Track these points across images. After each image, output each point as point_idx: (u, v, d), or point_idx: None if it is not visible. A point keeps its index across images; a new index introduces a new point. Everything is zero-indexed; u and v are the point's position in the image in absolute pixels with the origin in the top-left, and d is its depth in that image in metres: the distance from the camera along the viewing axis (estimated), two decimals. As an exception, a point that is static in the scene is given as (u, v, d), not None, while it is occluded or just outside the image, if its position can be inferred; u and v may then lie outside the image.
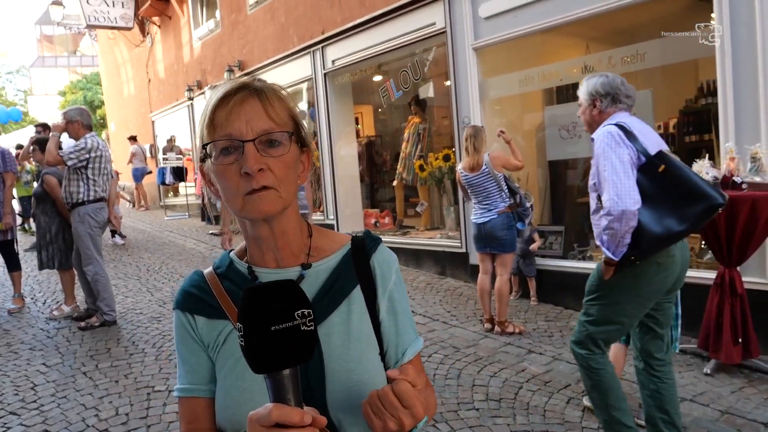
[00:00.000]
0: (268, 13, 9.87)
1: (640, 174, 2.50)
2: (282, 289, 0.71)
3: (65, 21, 18.37)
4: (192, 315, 1.00)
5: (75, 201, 5.15)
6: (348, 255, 1.03)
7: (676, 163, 2.51)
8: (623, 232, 2.45)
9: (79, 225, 5.19)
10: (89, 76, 34.67)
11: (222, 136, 0.90)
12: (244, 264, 1.02)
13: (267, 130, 0.90)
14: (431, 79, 7.76)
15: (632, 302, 2.62)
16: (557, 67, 5.69)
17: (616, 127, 2.57)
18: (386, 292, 1.03)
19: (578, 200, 6.27)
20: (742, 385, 3.53)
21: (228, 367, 0.96)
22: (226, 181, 0.91)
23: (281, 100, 0.94)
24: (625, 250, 2.49)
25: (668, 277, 2.59)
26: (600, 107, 2.79)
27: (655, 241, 2.47)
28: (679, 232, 2.45)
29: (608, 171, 2.50)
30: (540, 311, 5.27)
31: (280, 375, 0.69)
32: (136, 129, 16.78)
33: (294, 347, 0.69)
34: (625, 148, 2.50)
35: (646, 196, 2.48)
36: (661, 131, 5.84)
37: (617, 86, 2.74)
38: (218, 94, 0.92)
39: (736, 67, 4.00)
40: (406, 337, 1.03)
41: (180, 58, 14.03)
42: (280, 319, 0.69)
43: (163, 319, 5.45)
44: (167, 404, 3.64)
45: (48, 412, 3.61)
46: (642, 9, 4.85)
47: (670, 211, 2.45)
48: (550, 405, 3.42)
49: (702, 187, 2.45)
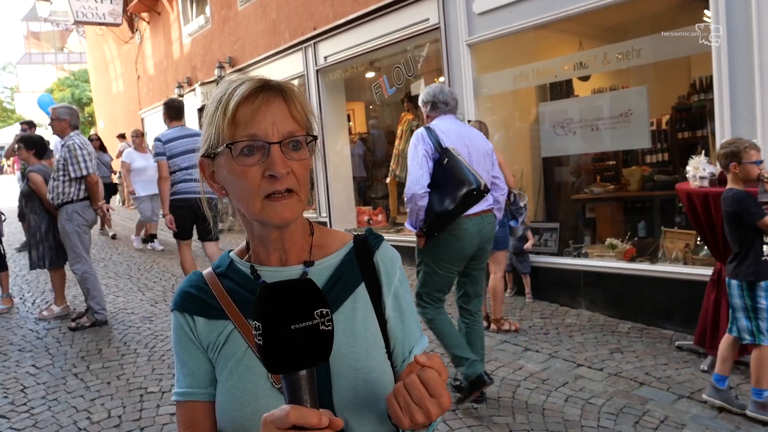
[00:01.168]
0: (259, 8, 9.79)
1: (436, 165, 3.18)
2: (300, 287, 0.69)
3: (53, 17, 18.18)
4: (191, 316, 0.98)
5: (62, 201, 5.07)
6: (351, 252, 1.02)
7: (454, 156, 3.15)
8: (416, 209, 3.18)
9: (66, 223, 5.11)
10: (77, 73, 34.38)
11: (246, 135, 0.87)
12: (246, 263, 1.00)
13: (292, 132, 0.89)
14: (427, 76, 7.71)
15: (439, 266, 3.32)
16: (551, 64, 5.67)
17: (425, 129, 3.27)
18: (391, 290, 1.01)
19: (573, 197, 6.27)
20: (738, 381, 3.53)
21: (229, 368, 0.94)
22: (246, 181, 0.88)
23: (301, 100, 0.92)
24: (422, 223, 3.19)
25: (464, 245, 3.29)
26: (426, 112, 3.48)
27: (436, 216, 3.14)
28: (452, 210, 3.10)
29: (410, 163, 3.22)
30: (535, 308, 5.25)
31: (297, 375, 0.68)
32: (126, 126, 16.59)
33: (312, 347, 0.68)
34: (423, 146, 3.18)
35: (437, 182, 3.15)
36: (654, 128, 5.85)
37: (435, 94, 3.41)
38: (241, 91, 0.88)
39: (732, 63, 3.99)
40: (412, 335, 1.02)
41: (170, 55, 13.91)
42: (300, 317, 0.67)
43: (155, 319, 5.38)
44: (160, 406, 3.59)
45: (38, 415, 3.55)
46: (636, 5, 4.84)
47: (448, 194, 3.10)
48: (549, 403, 3.40)
49: (465, 175, 3.08)
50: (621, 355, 4.06)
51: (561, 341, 4.41)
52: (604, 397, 3.43)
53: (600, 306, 5.02)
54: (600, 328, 4.65)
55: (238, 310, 0.95)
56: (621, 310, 4.85)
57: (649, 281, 4.65)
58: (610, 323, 4.75)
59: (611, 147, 5.83)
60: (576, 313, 5.04)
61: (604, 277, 4.99)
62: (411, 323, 1.03)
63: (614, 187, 5.96)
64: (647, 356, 4.01)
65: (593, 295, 5.07)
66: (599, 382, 3.63)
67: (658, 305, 4.57)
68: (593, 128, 5.37)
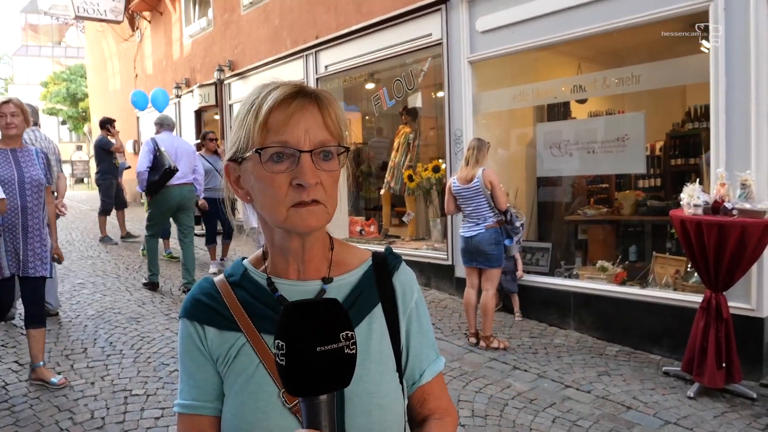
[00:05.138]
0: (262, 14, 9.81)
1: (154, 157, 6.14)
2: (326, 307, 0.67)
3: (53, 11, 18.07)
4: (201, 325, 0.94)
5: None
6: (370, 271, 1.00)
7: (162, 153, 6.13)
8: (142, 179, 6.16)
9: None
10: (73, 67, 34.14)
11: (277, 142, 0.85)
12: (262, 274, 0.97)
13: (324, 142, 0.87)
14: (424, 90, 7.75)
15: (157, 211, 6.44)
16: (551, 85, 5.72)
17: (151, 138, 6.39)
18: (407, 312, 1.00)
19: (566, 218, 6.31)
20: (724, 409, 3.55)
21: (239, 383, 0.90)
22: (273, 188, 0.86)
23: (336, 109, 0.90)
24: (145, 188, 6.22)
25: (170, 201, 6.32)
26: (156, 129, 6.65)
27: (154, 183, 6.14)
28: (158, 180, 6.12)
29: (140, 155, 6.24)
30: (524, 327, 5.26)
31: (317, 400, 0.66)
32: (120, 124, 16.45)
33: (336, 371, 0.66)
34: (148, 146, 6.22)
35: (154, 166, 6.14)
36: (648, 153, 5.91)
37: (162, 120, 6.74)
38: (275, 95, 0.86)
39: (729, 93, 4.04)
40: (425, 358, 1.00)
41: (169, 55, 13.88)
42: (326, 339, 0.65)
43: (142, 320, 5.33)
44: (145, 409, 3.54)
45: (19, 413, 3.49)
46: (635, 33, 4.90)
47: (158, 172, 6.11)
48: (536, 424, 3.39)
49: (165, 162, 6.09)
50: (609, 378, 4.07)
51: (549, 361, 4.41)
52: (591, 419, 3.44)
53: (589, 327, 5.04)
54: (588, 350, 4.66)
55: (252, 324, 0.92)
56: (610, 333, 4.87)
57: (639, 305, 4.68)
58: (599, 345, 4.77)
59: (607, 170, 5.89)
60: (565, 334, 5.05)
61: (594, 299, 5.01)
62: (426, 346, 1.01)
63: (607, 210, 6.01)
64: (635, 380, 4.02)
65: (582, 316, 5.09)
66: (587, 405, 3.64)
67: (647, 329, 4.60)
68: (589, 151, 5.42)
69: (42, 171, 3.83)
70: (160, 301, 6.06)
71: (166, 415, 3.46)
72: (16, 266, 3.72)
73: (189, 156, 6.59)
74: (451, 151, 6.26)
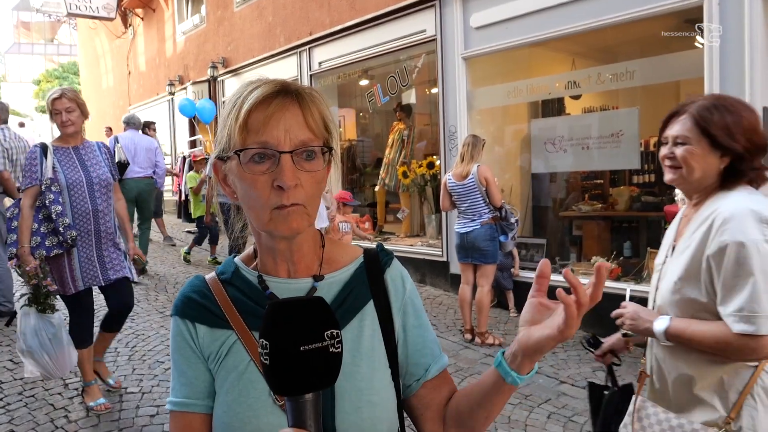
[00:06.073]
0: (256, 11, 9.78)
1: None
2: (311, 306, 0.66)
3: (45, 8, 17.99)
4: (192, 323, 0.93)
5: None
6: (361, 268, 0.99)
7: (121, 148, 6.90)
8: None
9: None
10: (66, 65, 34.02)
11: (257, 142, 0.84)
12: (253, 272, 0.96)
13: (305, 141, 0.85)
14: (418, 86, 7.75)
15: None
16: (545, 81, 5.73)
17: (114, 136, 7.00)
18: (401, 309, 0.99)
19: (560, 214, 6.32)
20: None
21: (230, 381, 0.90)
22: (255, 190, 0.85)
23: (320, 107, 0.88)
24: None
25: (126, 194, 5.44)
26: (125, 127, 7.28)
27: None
28: None
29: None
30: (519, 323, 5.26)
31: (302, 399, 0.65)
32: (114, 121, 16.44)
33: (321, 370, 0.65)
34: (110, 143, 6.69)
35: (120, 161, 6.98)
36: (642, 149, 5.92)
37: (128, 119, 7.41)
38: (256, 95, 0.84)
39: (723, 88, 4.04)
40: (429, 354, 0.99)
41: (162, 52, 13.81)
42: (310, 338, 0.64)
43: (136, 318, 5.31)
44: (140, 407, 3.54)
45: (14, 412, 3.47)
46: (629, 28, 4.91)
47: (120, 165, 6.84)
48: (531, 419, 3.41)
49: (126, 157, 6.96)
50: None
51: (544, 357, 4.40)
52: (586, 415, 3.44)
53: (583, 323, 4.97)
54: (583, 346, 4.66)
55: (243, 321, 0.91)
56: (604, 329, 4.87)
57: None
58: (593, 341, 4.78)
59: (601, 166, 5.90)
60: (560, 330, 5.06)
61: (589, 294, 5.01)
62: (427, 342, 1.00)
63: (602, 206, 6.02)
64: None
65: (577, 312, 5.09)
66: (581, 400, 3.64)
67: (641, 325, 4.60)
68: (584, 147, 5.43)
69: (107, 168, 3.48)
70: (155, 298, 6.04)
71: (162, 413, 3.45)
72: (92, 276, 3.36)
73: (149, 152, 7.25)
74: (445, 148, 6.26)
